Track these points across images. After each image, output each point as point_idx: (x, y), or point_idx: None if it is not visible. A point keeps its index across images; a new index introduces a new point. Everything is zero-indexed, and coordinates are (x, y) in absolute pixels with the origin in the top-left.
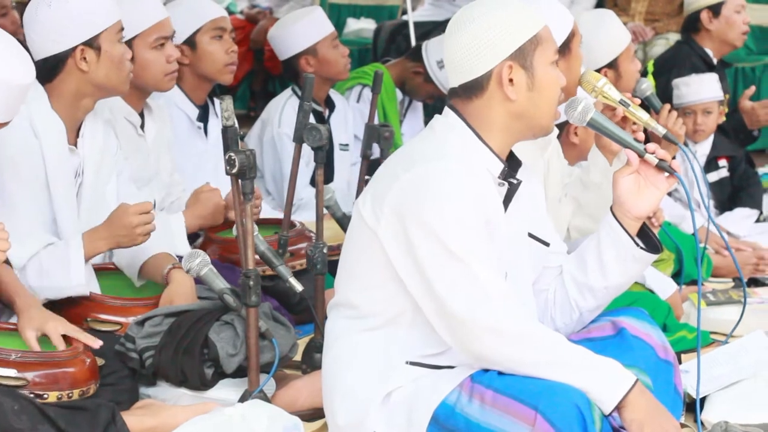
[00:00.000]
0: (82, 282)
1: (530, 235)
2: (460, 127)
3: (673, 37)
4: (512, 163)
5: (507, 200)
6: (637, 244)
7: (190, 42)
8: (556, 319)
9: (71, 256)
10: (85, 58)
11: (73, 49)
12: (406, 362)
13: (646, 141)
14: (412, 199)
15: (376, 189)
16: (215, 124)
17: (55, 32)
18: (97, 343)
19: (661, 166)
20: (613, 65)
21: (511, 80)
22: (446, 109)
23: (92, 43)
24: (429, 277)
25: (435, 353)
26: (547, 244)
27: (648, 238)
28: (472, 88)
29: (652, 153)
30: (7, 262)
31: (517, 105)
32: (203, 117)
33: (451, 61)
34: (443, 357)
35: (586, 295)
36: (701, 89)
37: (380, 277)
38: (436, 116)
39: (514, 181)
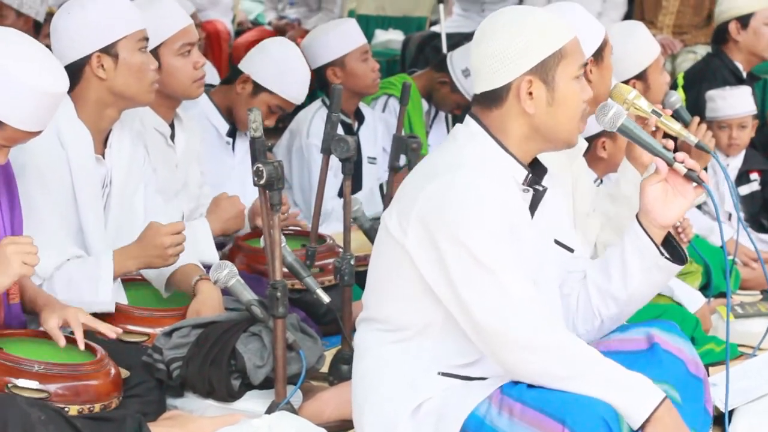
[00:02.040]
0: (108, 300)
1: (556, 242)
2: (481, 135)
3: (701, 50)
4: (537, 170)
5: (533, 207)
6: (662, 254)
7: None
8: (578, 326)
9: (101, 272)
10: (102, 66)
11: (90, 56)
12: (438, 373)
13: (676, 151)
14: (438, 210)
15: (401, 202)
16: (243, 141)
17: (73, 39)
18: (114, 333)
19: (690, 176)
20: (641, 77)
21: (530, 93)
22: (467, 117)
23: (109, 51)
24: (458, 287)
25: (467, 363)
26: (571, 250)
27: (673, 248)
28: (492, 98)
29: (681, 162)
30: None
31: (535, 118)
32: (233, 133)
33: (474, 69)
34: (475, 367)
35: (608, 303)
36: (737, 103)
37: (410, 290)
38: (458, 125)
39: (540, 188)
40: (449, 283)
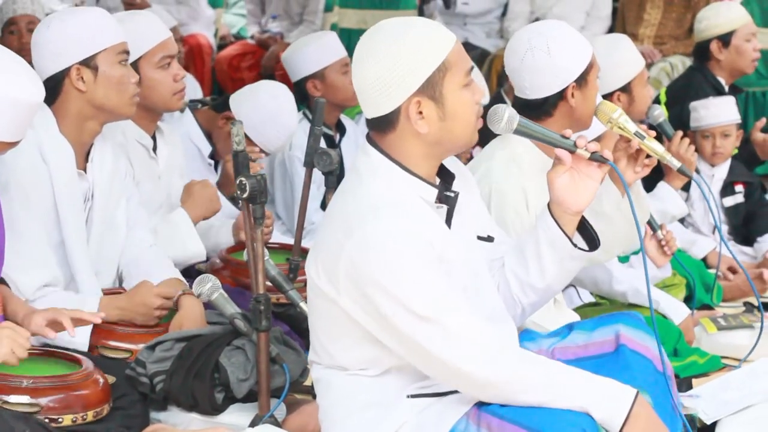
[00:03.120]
0: (84, 342)
1: (479, 238)
2: (383, 166)
3: (676, 60)
4: (446, 177)
5: (449, 216)
6: (575, 245)
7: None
8: None
9: None
10: (82, 78)
11: (69, 68)
12: (408, 396)
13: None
14: (364, 271)
15: (324, 260)
16: None
17: (53, 52)
18: (99, 318)
19: (594, 158)
20: (626, 89)
21: (420, 113)
22: (366, 144)
23: (89, 63)
24: (404, 340)
25: (435, 383)
26: (492, 240)
27: (588, 232)
28: (384, 123)
29: (583, 147)
30: (4, 282)
31: (430, 136)
32: (215, 154)
33: (359, 94)
34: (445, 384)
35: (527, 292)
36: (720, 112)
37: (359, 338)
38: (359, 154)
39: (452, 194)
40: (394, 336)
